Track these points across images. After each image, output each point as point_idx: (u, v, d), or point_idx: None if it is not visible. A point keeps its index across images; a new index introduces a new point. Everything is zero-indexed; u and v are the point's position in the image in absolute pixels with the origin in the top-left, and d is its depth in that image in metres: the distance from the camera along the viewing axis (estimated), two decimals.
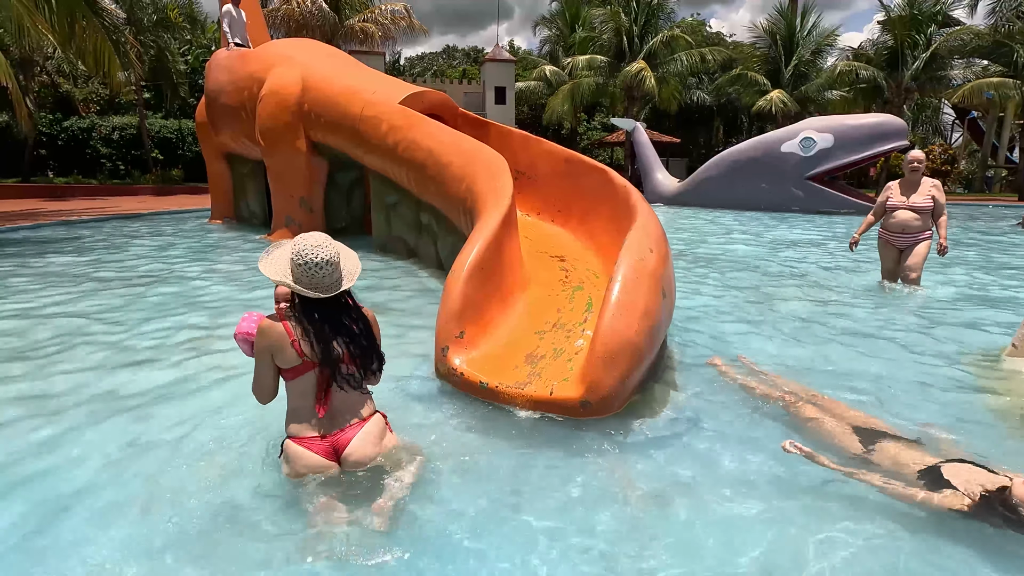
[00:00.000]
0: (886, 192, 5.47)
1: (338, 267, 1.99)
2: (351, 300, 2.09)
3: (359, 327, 2.05)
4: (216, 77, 9.38)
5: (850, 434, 2.41)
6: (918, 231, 5.29)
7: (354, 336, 2.03)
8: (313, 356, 1.96)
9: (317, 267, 1.92)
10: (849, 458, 2.28)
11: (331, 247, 1.97)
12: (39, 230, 9.93)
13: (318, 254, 1.92)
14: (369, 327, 2.10)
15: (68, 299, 4.99)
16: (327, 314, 1.99)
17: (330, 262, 1.95)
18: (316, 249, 1.93)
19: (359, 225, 8.93)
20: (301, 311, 1.98)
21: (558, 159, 6.10)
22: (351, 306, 2.08)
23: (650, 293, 2.79)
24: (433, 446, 2.42)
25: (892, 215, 5.37)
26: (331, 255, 1.95)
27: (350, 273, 2.05)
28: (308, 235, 1.99)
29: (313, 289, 1.94)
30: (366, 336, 2.06)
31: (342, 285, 2.00)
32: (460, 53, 53.04)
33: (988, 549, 1.80)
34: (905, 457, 2.18)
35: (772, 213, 14.20)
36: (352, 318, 2.05)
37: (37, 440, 2.48)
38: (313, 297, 1.95)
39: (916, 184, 5.31)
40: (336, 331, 2.00)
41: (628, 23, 26.38)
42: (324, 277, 1.94)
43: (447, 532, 1.87)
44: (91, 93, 24.62)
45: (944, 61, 23.77)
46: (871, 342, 3.94)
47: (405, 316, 4.52)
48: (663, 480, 2.21)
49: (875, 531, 1.90)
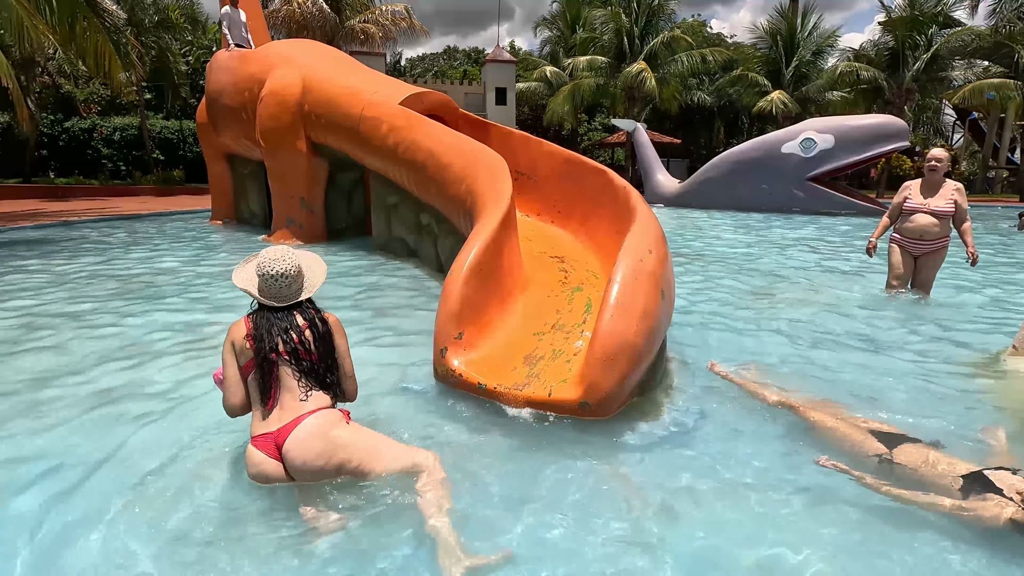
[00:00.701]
0: (903, 192, 4.97)
1: (297, 280, 2.15)
2: (312, 307, 2.21)
3: (314, 328, 2.14)
4: (217, 78, 9.39)
5: (868, 439, 2.36)
6: (937, 238, 4.81)
7: (300, 331, 2.11)
8: (260, 348, 2.06)
9: (274, 279, 2.09)
10: (875, 467, 2.22)
11: (290, 261, 2.12)
12: (40, 230, 9.94)
13: (275, 267, 2.09)
14: (328, 331, 2.19)
15: (67, 299, 4.99)
16: (280, 313, 2.13)
17: (285, 275, 2.10)
18: (274, 262, 2.10)
19: (360, 226, 8.93)
20: (259, 310, 2.16)
21: (558, 160, 6.10)
22: (308, 309, 2.18)
23: (649, 294, 2.79)
24: (431, 447, 2.41)
25: (909, 219, 4.87)
26: (287, 268, 2.11)
27: (311, 285, 2.21)
28: (271, 248, 2.14)
29: (272, 299, 2.12)
30: (321, 338, 2.15)
31: (300, 296, 2.17)
32: (461, 54, 53.06)
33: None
34: (934, 462, 2.12)
35: (773, 214, 14.19)
36: (307, 318, 2.15)
37: (33, 438, 2.48)
38: (269, 305, 2.13)
39: (937, 186, 4.82)
40: (283, 326, 2.10)
41: (629, 24, 26.38)
42: (281, 288, 2.11)
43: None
44: (92, 94, 24.66)
45: (945, 62, 23.75)
46: (870, 343, 3.93)
47: (405, 317, 4.52)
48: (662, 482, 2.20)
49: (876, 535, 1.90)
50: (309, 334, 2.12)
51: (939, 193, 4.79)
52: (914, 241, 4.90)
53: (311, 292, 2.19)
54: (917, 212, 4.83)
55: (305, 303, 2.19)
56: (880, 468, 2.21)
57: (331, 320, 2.22)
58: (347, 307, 4.84)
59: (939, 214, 4.75)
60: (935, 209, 4.76)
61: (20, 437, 2.52)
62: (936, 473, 2.08)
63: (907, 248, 4.98)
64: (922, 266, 4.96)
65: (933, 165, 4.77)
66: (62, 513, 1.98)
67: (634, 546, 1.83)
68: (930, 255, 4.89)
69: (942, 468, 2.08)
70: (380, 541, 1.83)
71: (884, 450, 2.27)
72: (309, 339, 2.11)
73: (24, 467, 2.27)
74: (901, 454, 2.22)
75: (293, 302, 2.14)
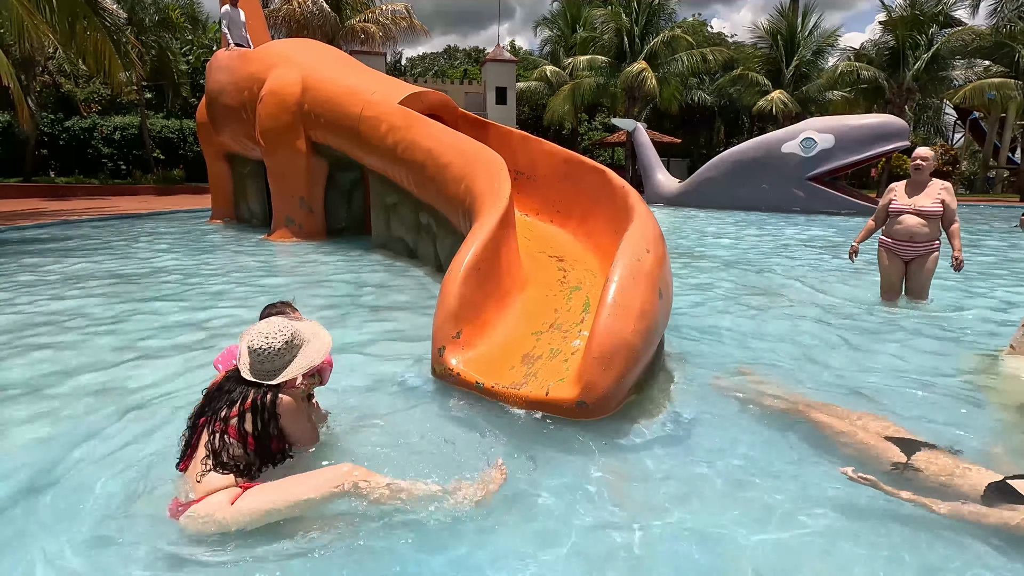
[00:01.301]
0: (889, 194, 4.79)
1: (274, 359, 1.96)
2: (271, 394, 1.96)
3: (256, 414, 1.91)
4: (217, 77, 9.41)
5: (884, 445, 2.30)
6: (927, 240, 4.62)
7: (230, 406, 1.90)
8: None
9: (252, 352, 1.96)
10: (894, 475, 2.17)
11: (273, 339, 1.96)
12: (40, 229, 9.95)
13: (256, 341, 1.95)
14: (268, 417, 1.92)
15: (66, 298, 5.00)
16: (242, 386, 1.96)
17: (259, 351, 1.94)
18: (258, 336, 1.96)
19: (359, 225, 8.95)
20: (233, 371, 2.02)
21: (557, 160, 6.11)
22: (265, 391, 1.95)
23: (646, 293, 2.79)
24: (428, 446, 2.42)
25: (897, 220, 4.68)
26: (265, 345, 1.94)
27: (297, 367, 1.99)
28: (271, 320, 2.04)
29: (246, 368, 1.97)
30: (257, 423, 1.90)
31: (275, 378, 1.96)
32: (461, 53, 53.06)
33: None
34: (954, 470, 2.07)
35: (773, 214, 14.19)
36: (252, 399, 1.92)
37: (34, 437, 2.49)
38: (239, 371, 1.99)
39: (923, 185, 4.63)
40: (221, 396, 1.94)
41: (629, 23, 26.39)
42: (253, 363, 1.96)
43: (442, 532, 1.88)
44: (92, 93, 24.68)
45: (946, 61, 23.76)
46: (867, 343, 3.93)
47: (403, 316, 4.53)
48: (659, 481, 2.20)
49: (878, 535, 1.90)
50: (249, 421, 1.90)
51: (925, 192, 4.61)
52: (903, 244, 4.69)
53: (289, 376, 1.96)
54: (904, 213, 4.63)
55: (268, 386, 1.96)
56: (898, 476, 2.15)
57: (283, 405, 1.97)
58: (346, 306, 4.85)
59: (927, 214, 4.57)
60: (922, 209, 4.57)
61: (17, 433, 2.53)
62: (957, 482, 2.03)
63: (896, 252, 4.77)
64: (915, 271, 4.75)
65: (918, 164, 4.62)
66: (62, 511, 1.98)
67: (630, 545, 1.83)
68: (921, 258, 4.69)
69: (963, 476, 2.04)
70: (382, 538, 1.83)
71: (902, 457, 2.20)
72: (248, 426, 1.90)
73: (23, 465, 2.28)
74: (919, 461, 2.16)
75: (261, 382, 1.94)
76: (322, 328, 2.18)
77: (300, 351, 2.02)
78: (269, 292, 5.36)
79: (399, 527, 1.88)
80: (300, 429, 2.05)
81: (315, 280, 5.99)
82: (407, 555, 1.77)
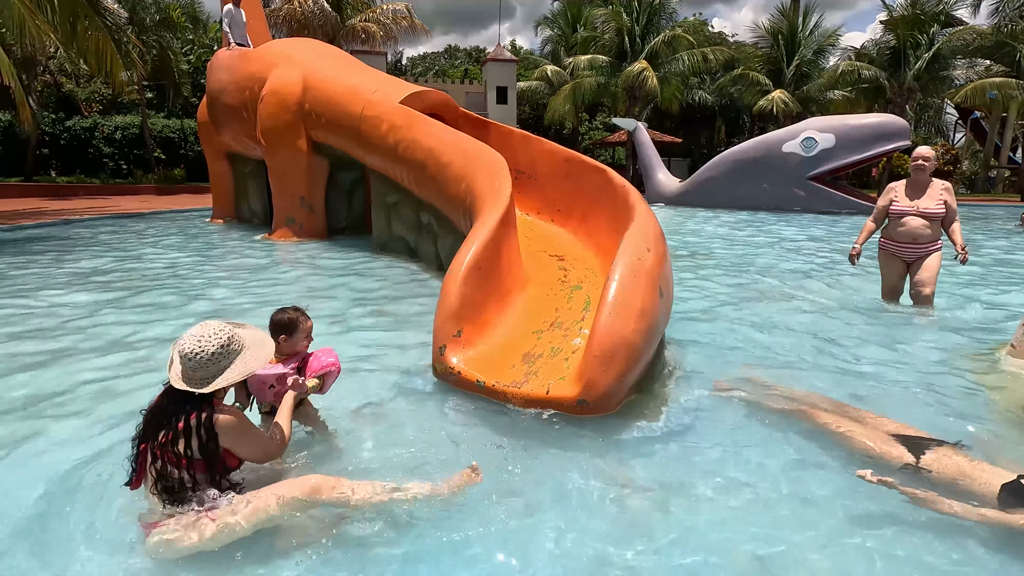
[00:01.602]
0: (888, 195, 4.64)
1: (208, 366, 1.77)
2: (206, 407, 1.78)
3: (189, 436, 1.74)
4: (218, 77, 9.42)
5: (892, 444, 2.28)
6: (930, 241, 4.51)
7: (165, 428, 1.74)
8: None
9: (183, 357, 1.77)
10: (905, 472, 2.15)
11: (207, 342, 1.78)
12: (42, 229, 9.96)
13: (187, 344, 1.77)
14: (206, 439, 1.75)
15: (68, 296, 5.01)
16: (176, 401, 1.77)
17: (190, 356, 1.75)
18: (189, 339, 1.78)
19: (360, 224, 8.95)
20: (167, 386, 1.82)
21: (558, 159, 6.11)
22: (202, 406, 1.77)
23: (647, 292, 2.79)
24: (429, 445, 2.43)
25: (899, 223, 4.55)
26: (196, 349, 1.76)
27: (233, 374, 1.82)
28: (199, 325, 1.83)
29: (177, 377, 1.77)
30: (191, 446, 1.74)
31: (207, 386, 1.77)
32: (462, 53, 53.07)
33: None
34: (967, 469, 2.05)
35: (774, 213, 14.19)
36: (189, 423, 1.74)
37: (31, 436, 2.50)
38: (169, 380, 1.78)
39: (924, 186, 4.50)
40: (158, 417, 1.77)
41: (630, 23, 26.38)
42: (186, 370, 1.77)
43: (443, 529, 1.88)
44: (94, 93, 24.71)
45: (947, 61, 23.75)
46: (868, 342, 3.93)
47: (404, 315, 4.53)
48: (659, 479, 2.21)
49: (881, 532, 1.90)
50: (183, 444, 1.73)
51: (927, 194, 4.48)
52: (905, 245, 4.58)
53: (220, 385, 1.79)
54: (906, 215, 4.51)
55: (203, 399, 1.78)
56: (911, 476, 2.12)
57: (222, 424, 1.78)
58: (347, 305, 4.86)
59: (929, 216, 4.46)
60: (924, 211, 4.46)
61: (18, 429, 2.54)
62: (970, 482, 2.01)
63: (898, 253, 4.65)
64: (917, 271, 4.62)
65: (920, 164, 4.46)
66: (64, 508, 1.99)
67: (631, 543, 1.84)
68: (923, 259, 4.58)
69: (975, 476, 2.02)
70: (383, 535, 1.84)
71: (911, 458, 2.18)
72: (183, 449, 1.73)
73: (22, 463, 2.29)
74: (930, 461, 2.14)
75: (192, 390, 1.76)
76: (269, 337, 2.03)
77: (238, 357, 1.85)
78: (270, 292, 5.37)
79: (398, 527, 1.89)
80: (250, 447, 1.89)
81: (316, 279, 5.99)
82: (403, 551, 1.78)
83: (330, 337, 3.96)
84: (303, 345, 2.33)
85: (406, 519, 1.91)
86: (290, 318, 2.30)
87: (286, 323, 2.29)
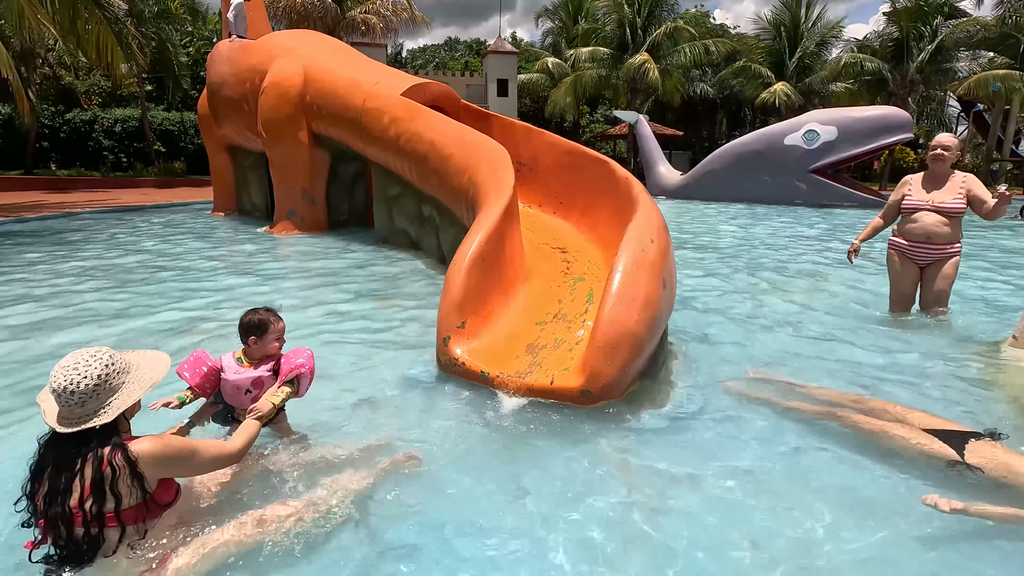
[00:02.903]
0: (902, 188, 4.11)
1: (92, 398, 1.51)
2: (109, 443, 1.52)
3: (112, 485, 1.48)
4: (218, 69, 9.38)
5: (930, 441, 2.19)
6: (946, 242, 3.93)
7: (83, 486, 1.47)
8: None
9: (57, 394, 1.49)
10: (949, 474, 2.08)
11: (84, 371, 1.50)
12: (43, 222, 9.96)
13: (59, 378, 1.49)
14: (133, 480, 1.51)
15: (69, 290, 5.02)
16: (70, 449, 1.51)
17: (65, 391, 1.48)
18: (62, 370, 1.50)
19: (361, 217, 8.94)
20: (49, 437, 1.55)
21: (560, 151, 6.10)
22: (104, 444, 1.51)
23: (651, 283, 2.80)
24: (434, 435, 2.44)
25: (911, 219, 3.99)
26: (73, 382, 1.48)
27: (120, 403, 1.55)
28: (78, 352, 1.55)
29: (54, 420, 1.51)
30: (115, 492, 1.49)
31: (93, 419, 1.50)
32: (462, 45, 52.74)
33: None
34: (1016, 465, 1.98)
35: (775, 206, 14.16)
36: (94, 473, 1.48)
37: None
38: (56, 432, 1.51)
39: (943, 178, 3.93)
40: (67, 475, 1.49)
41: (631, 15, 26.22)
42: (70, 406, 1.50)
43: (449, 519, 1.90)
44: (93, 85, 24.62)
45: (950, 53, 23.60)
46: (869, 335, 3.94)
47: (407, 307, 4.54)
48: (664, 468, 2.22)
49: (889, 520, 1.92)
50: (109, 498, 1.48)
51: (946, 187, 3.90)
52: (918, 245, 4.00)
53: (125, 405, 1.55)
54: (920, 210, 3.96)
55: (101, 433, 1.51)
56: (956, 475, 2.05)
57: (145, 458, 1.53)
58: (349, 298, 4.87)
59: (948, 212, 3.86)
60: (942, 206, 3.87)
61: (20, 425, 2.55)
62: (1018, 476, 1.95)
63: (910, 255, 4.09)
64: (931, 277, 4.05)
65: (939, 154, 3.86)
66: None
67: (636, 531, 1.86)
68: (939, 263, 4.00)
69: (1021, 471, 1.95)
70: (388, 524, 1.85)
71: (954, 454, 2.11)
72: (90, 504, 1.47)
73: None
74: (974, 456, 2.07)
75: (80, 428, 1.49)
76: (160, 353, 1.79)
77: (128, 375, 1.60)
78: (273, 285, 5.38)
79: (402, 515, 1.90)
80: (196, 462, 1.68)
81: (318, 272, 6.00)
82: (409, 539, 1.80)
83: (332, 329, 3.97)
84: (275, 347, 2.19)
85: (412, 507, 1.93)
86: (260, 319, 2.16)
87: (256, 324, 2.14)
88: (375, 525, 1.86)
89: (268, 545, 1.71)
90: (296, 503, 1.83)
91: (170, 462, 1.61)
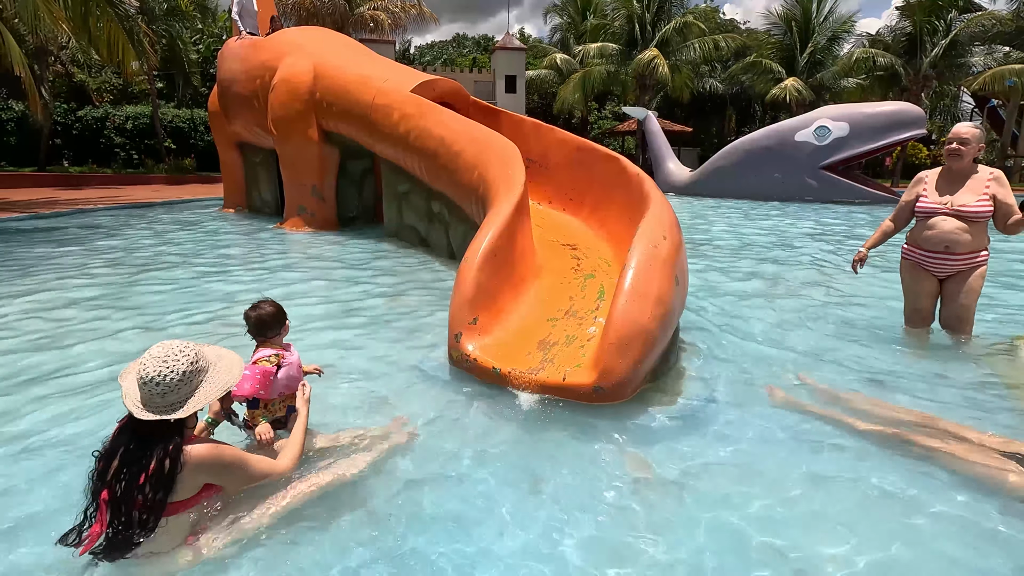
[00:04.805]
0: (916, 187, 3.52)
1: (175, 390, 1.59)
2: (178, 439, 1.60)
3: (151, 471, 1.54)
4: (229, 66, 9.43)
5: (1005, 464, 2.06)
6: (970, 251, 3.35)
7: (133, 471, 1.54)
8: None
9: (144, 383, 1.57)
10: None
11: (173, 364, 1.59)
12: (56, 219, 10.07)
13: (149, 368, 1.57)
14: (164, 475, 1.56)
15: (78, 286, 5.07)
16: (140, 436, 1.58)
17: (158, 381, 1.56)
18: (152, 361, 1.59)
19: (370, 214, 8.98)
20: (127, 418, 1.63)
21: (570, 147, 6.09)
22: (172, 437, 1.59)
23: (663, 280, 2.80)
24: (446, 431, 2.45)
25: (927, 225, 3.42)
26: (163, 373, 1.57)
27: (201, 398, 1.63)
28: (158, 346, 1.63)
29: (138, 406, 1.58)
30: (154, 482, 1.55)
31: (175, 412, 1.58)
32: (470, 41, 52.65)
33: None
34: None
35: (786, 203, 14.05)
36: (159, 457, 1.56)
37: (46, 426, 2.55)
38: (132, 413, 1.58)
39: (963, 176, 3.34)
40: (134, 456, 1.56)
41: (640, 10, 26.06)
42: (153, 396, 1.57)
43: (460, 514, 1.91)
44: (104, 83, 24.81)
45: (964, 47, 23.26)
46: (879, 333, 3.90)
47: (417, 304, 4.56)
48: (675, 466, 2.22)
49: (902, 518, 1.91)
50: (149, 485, 1.54)
51: (967, 186, 3.31)
52: (936, 256, 3.42)
53: (203, 403, 1.63)
54: (936, 215, 3.37)
55: (172, 426, 1.60)
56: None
57: (193, 459, 1.61)
58: (359, 294, 4.89)
59: (969, 216, 3.28)
60: (962, 210, 3.29)
61: (23, 423, 2.59)
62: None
63: (926, 267, 3.50)
64: (952, 291, 3.47)
65: (954, 148, 3.29)
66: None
67: (646, 529, 1.86)
68: (961, 275, 3.41)
69: None
70: (398, 518, 1.87)
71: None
72: (149, 491, 1.54)
73: (25, 456, 2.34)
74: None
75: (161, 417, 1.57)
76: (227, 351, 1.83)
77: (207, 374, 1.68)
78: (285, 281, 5.41)
79: (412, 508, 1.92)
80: (243, 477, 1.75)
81: (328, 268, 6.03)
82: (417, 534, 1.81)
83: (343, 325, 3.99)
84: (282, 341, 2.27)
85: (423, 501, 1.94)
86: (276, 308, 2.20)
87: (278, 312, 2.20)
88: (383, 514, 1.87)
89: (296, 520, 1.81)
90: (305, 485, 1.92)
91: (222, 469, 1.69)
